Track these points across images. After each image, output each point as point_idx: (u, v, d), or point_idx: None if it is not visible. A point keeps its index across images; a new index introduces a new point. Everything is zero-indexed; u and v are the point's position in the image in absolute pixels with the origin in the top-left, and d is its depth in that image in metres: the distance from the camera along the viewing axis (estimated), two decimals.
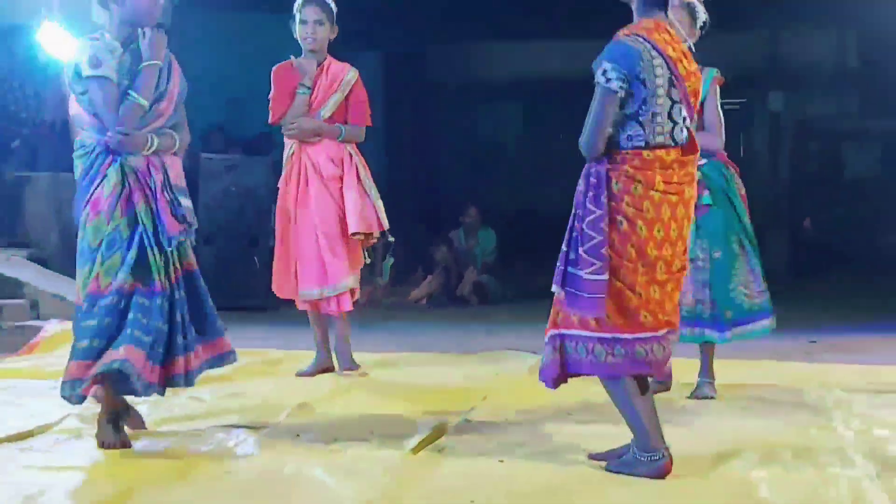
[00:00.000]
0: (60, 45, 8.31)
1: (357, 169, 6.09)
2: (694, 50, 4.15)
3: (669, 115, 3.98)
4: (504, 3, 14.85)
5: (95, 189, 4.46)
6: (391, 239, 6.47)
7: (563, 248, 3.98)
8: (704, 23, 5.15)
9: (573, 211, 3.99)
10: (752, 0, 12.83)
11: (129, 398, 4.55)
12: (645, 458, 3.95)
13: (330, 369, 6.12)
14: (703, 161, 4.98)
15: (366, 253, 6.36)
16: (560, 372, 4.07)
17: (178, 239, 4.46)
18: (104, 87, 4.38)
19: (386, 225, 6.21)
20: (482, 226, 11.44)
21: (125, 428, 4.50)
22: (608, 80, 3.90)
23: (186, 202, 4.52)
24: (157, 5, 4.42)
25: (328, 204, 6.00)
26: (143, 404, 4.89)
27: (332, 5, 6.04)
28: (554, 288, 3.99)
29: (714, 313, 5.30)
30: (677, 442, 4.13)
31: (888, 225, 15.11)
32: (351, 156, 6.10)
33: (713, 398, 5.36)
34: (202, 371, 4.61)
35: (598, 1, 4.46)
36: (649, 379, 4.29)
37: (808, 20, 15.49)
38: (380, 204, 6.16)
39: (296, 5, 6.03)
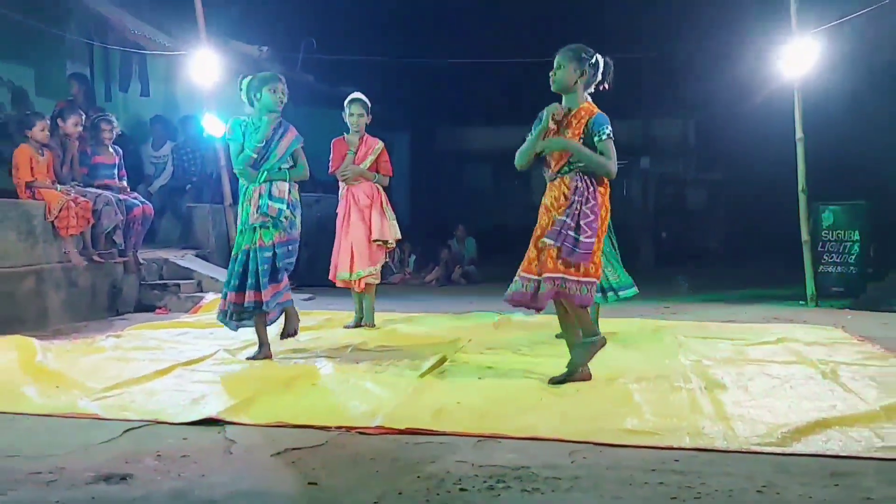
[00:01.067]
0: (216, 127, 8.32)
1: (381, 201, 6.00)
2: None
3: None
4: (478, 103, 14.95)
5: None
6: (394, 247, 6.23)
7: (567, 221, 3.87)
8: None
9: (572, 205, 3.88)
10: (632, 100, 12.89)
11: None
12: (592, 339, 4.02)
13: (360, 324, 6.08)
14: None
15: (386, 255, 6.26)
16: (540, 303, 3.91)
17: (253, 225, 4.62)
18: (231, 146, 4.76)
19: (398, 236, 6.06)
20: (467, 237, 11.43)
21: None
22: (610, 133, 3.93)
23: (276, 205, 4.61)
24: (275, 103, 4.67)
25: (360, 224, 5.91)
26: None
27: (368, 102, 6.00)
28: (548, 241, 3.87)
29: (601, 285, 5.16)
30: None
31: (710, 237, 15.21)
32: (378, 193, 6.00)
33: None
34: (259, 308, 4.64)
35: (536, 101, 4.42)
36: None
37: (666, 113, 15.57)
38: (394, 223, 6.02)
39: (345, 103, 6.02)
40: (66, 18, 8.61)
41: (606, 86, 4.10)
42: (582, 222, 3.89)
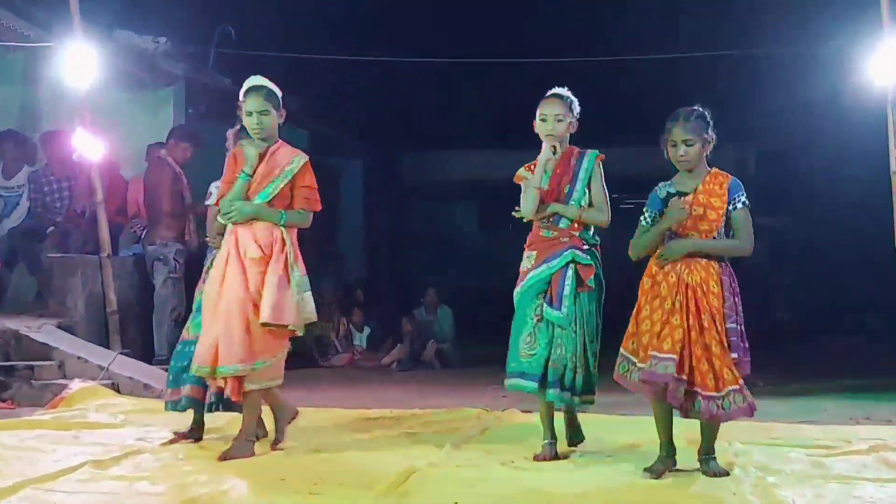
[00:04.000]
0: (92, 146, 8.31)
1: (286, 256, 5.08)
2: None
3: None
4: (461, 118, 15.07)
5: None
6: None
7: (738, 328, 4.55)
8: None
9: (730, 304, 4.55)
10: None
11: None
12: (715, 458, 4.67)
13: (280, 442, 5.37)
14: (588, 246, 5.09)
15: (300, 341, 5.52)
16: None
17: None
18: (208, 212, 5.75)
19: (311, 317, 5.19)
20: (440, 304, 11.44)
21: None
22: (746, 201, 4.66)
23: None
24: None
25: (240, 289, 5.00)
26: None
27: (277, 91, 5.23)
28: (736, 356, 4.53)
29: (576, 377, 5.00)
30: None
31: (777, 304, 15.27)
32: (284, 242, 5.10)
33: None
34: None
35: (534, 116, 4.58)
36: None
37: (717, 135, 15.77)
38: (306, 296, 5.14)
39: (241, 93, 5.25)
40: None
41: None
42: (741, 326, 4.58)
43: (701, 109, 4.74)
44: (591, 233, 5.17)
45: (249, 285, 5.03)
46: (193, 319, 5.47)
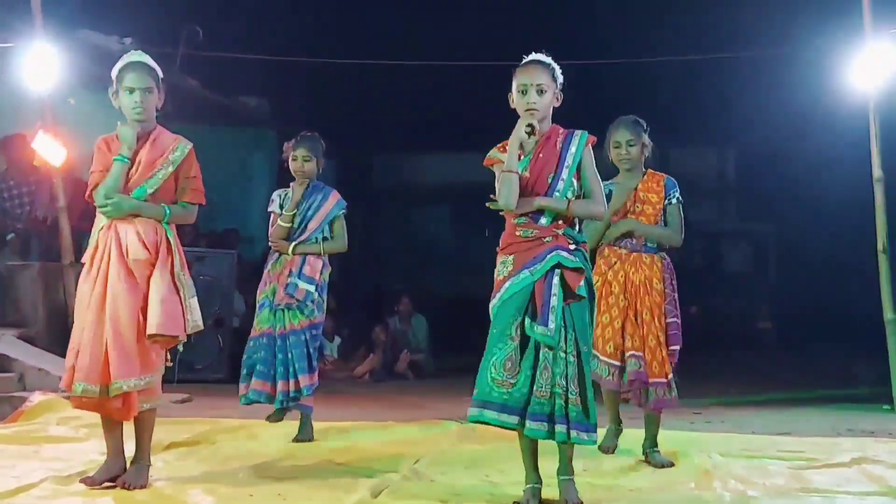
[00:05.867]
0: (53, 151, 8.27)
1: (173, 259, 4.60)
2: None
3: None
4: (436, 120, 15.10)
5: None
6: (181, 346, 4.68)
7: (677, 321, 5.35)
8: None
9: (671, 299, 5.36)
10: (649, 124, 13.13)
11: None
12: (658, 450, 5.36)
13: (120, 475, 4.62)
14: (574, 245, 4.30)
15: (168, 355, 4.68)
16: None
17: (280, 306, 5.90)
18: (271, 217, 6.13)
19: (198, 325, 4.68)
20: (414, 313, 11.45)
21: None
22: (680, 197, 5.48)
23: (304, 286, 5.89)
24: (295, 171, 6.16)
25: (128, 291, 4.49)
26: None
27: (160, 71, 4.84)
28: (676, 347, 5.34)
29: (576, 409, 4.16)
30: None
31: (759, 313, 15.36)
32: (169, 242, 4.61)
33: None
34: (298, 395, 5.88)
35: (512, 118, 4.52)
36: None
37: (695, 139, 15.88)
38: (193, 303, 4.64)
39: (115, 71, 4.84)
40: None
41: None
42: (679, 319, 5.35)
43: (637, 118, 5.42)
44: (577, 229, 4.39)
45: (139, 290, 4.51)
46: (256, 316, 6.07)
